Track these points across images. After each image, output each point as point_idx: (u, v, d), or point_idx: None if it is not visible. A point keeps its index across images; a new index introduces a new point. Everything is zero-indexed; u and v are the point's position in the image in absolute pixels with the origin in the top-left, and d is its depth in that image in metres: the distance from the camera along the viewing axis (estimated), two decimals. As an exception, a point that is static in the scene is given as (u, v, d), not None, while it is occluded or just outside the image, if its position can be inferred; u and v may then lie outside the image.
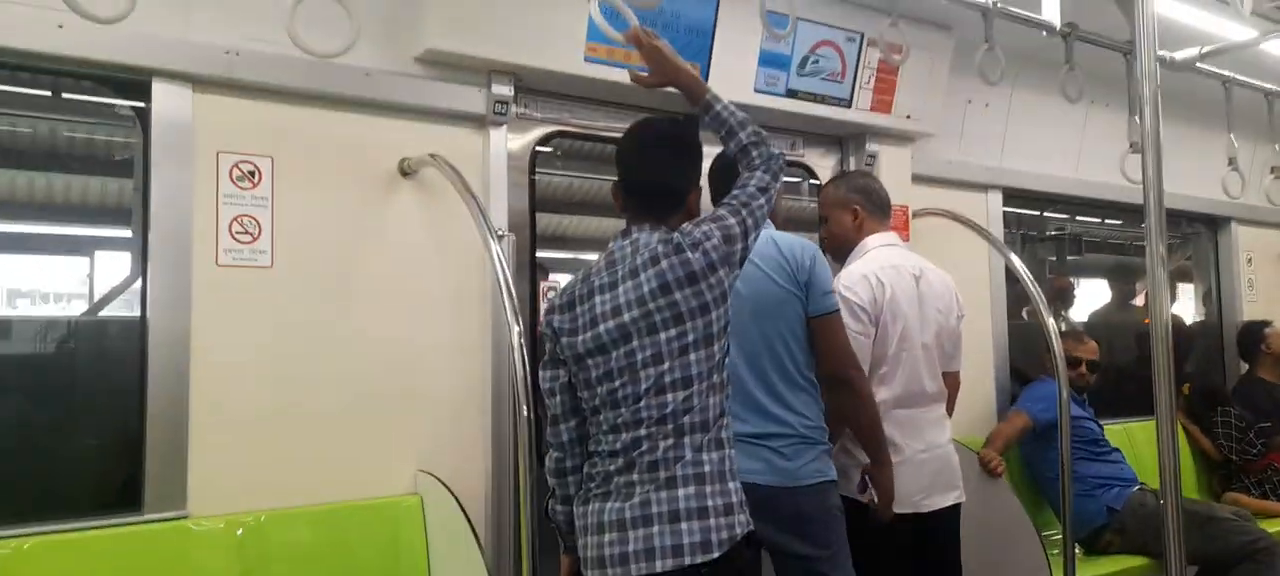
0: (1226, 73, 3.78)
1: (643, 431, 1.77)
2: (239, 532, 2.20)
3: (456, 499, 2.30)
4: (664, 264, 1.78)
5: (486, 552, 2.27)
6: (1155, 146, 2.33)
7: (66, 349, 2.43)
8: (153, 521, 2.14)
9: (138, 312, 2.25)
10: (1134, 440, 4.04)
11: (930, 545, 2.62)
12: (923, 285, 2.64)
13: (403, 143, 2.52)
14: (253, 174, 2.32)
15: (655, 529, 1.73)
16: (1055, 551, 3.17)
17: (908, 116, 3.45)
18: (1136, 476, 3.64)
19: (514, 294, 2.29)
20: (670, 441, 1.76)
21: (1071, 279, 5.72)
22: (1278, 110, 4.06)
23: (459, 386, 2.57)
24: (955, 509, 2.67)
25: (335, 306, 2.42)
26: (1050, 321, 3.27)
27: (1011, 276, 3.74)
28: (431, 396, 2.53)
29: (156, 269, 2.21)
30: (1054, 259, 6.78)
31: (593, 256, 1.97)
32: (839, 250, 2.72)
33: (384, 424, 2.46)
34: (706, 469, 1.77)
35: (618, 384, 1.80)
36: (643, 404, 1.77)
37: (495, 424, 2.60)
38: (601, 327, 1.81)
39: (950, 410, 2.84)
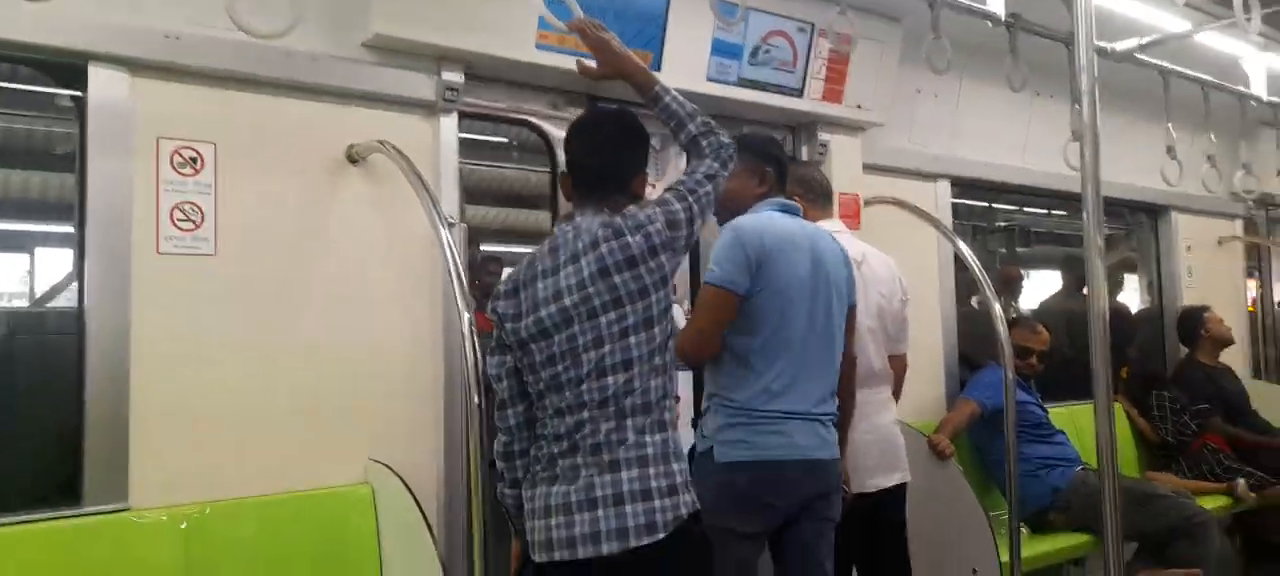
0: (1164, 64, 3.90)
1: (585, 415, 1.80)
2: (183, 525, 2.16)
3: (408, 487, 2.29)
4: (603, 247, 1.79)
5: (438, 541, 2.25)
6: (1093, 136, 2.40)
7: (4, 341, 2.36)
8: (93, 514, 2.09)
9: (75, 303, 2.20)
10: (1078, 423, 4.14)
11: (879, 524, 2.67)
12: (864, 269, 2.69)
13: (350, 129, 2.49)
14: (194, 160, 2.28)
15: (600, 512, 1.75)
16: (1002, 531, 3.25)
17: (858, 106, 3.49)
18: (1080, 457, 3.74)
19: (464, 282, 2.29)
20: (612, 424, 1.79)
21: (1020, 269, 5.86)
22: (1213, 101, 4.20)
23: (410, 375, 2.55)
24: (901, 488, 2.72)
25: (282, 294, 2.39)
26: (997, 308, 3.33)
27: (960, 264, 3.81)
28: (382, 385, 2.51)
29: (95, 257, 2.16)
30: (1004, 250, 6.94)
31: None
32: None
33: (333, 413, 2.43)
34: (649, 451, 1.80)
35: (560, 368, 1.82)
36: (584, 387, 1.79)
37: (447, 411, 2.58)
38: (543, 312, 1.83)
39: (898, 393, 2.89)
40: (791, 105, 3.33)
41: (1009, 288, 5.34)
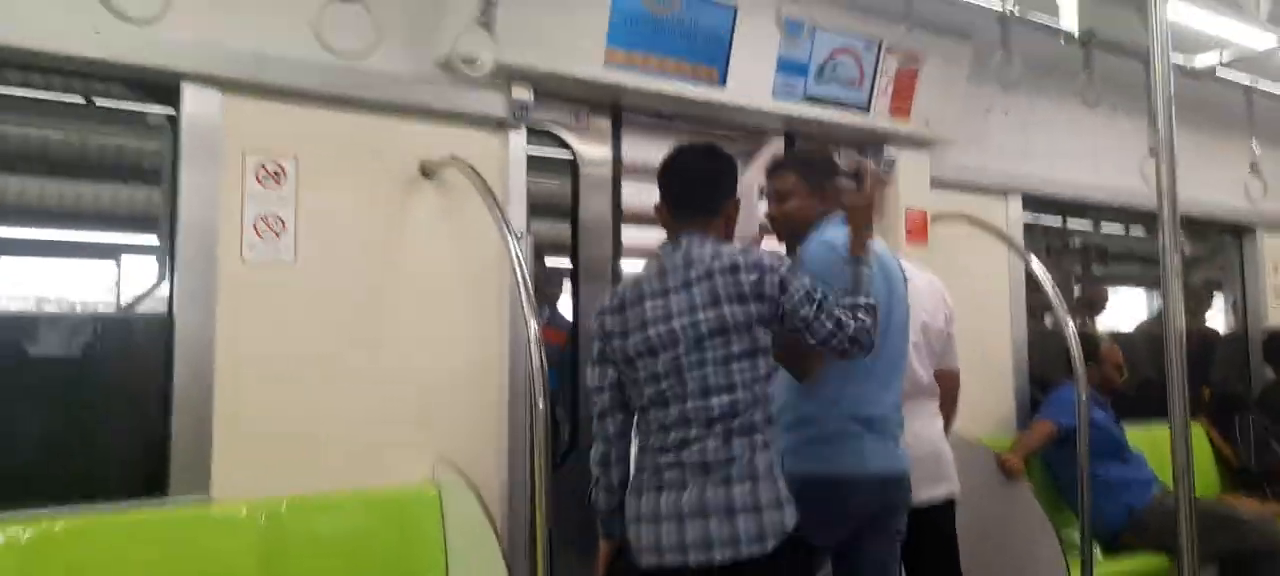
0: (1246, 79, 3.77)
1: (692, 432, 1.93)
2: (261, 518, 2.25)
3: (474, 489, 2.35)
4: (718, 280, 1.93)
5: (503, 540, 2.30)
6: (1170, 153, 2.33)
7: (97, 343, 2.51)
8: (177, 505, 2.21)
9: (164, 309, 2.33)
10: (1157, 443, 3.99)
11: (926, 538, 2.62)
12: (908, 286, 2.66)
13: (423, 145, 2.58)
14: (277, 173, 2.39)
15: (712, 522, 1.88)
16: (1074, 552, 3.16)
17: (926, 123, 3.47)
18: (1157, 478, 3.62)
19: (531, 292, 2.34)
20: (718, 441, 1.91)
21: (1105, 290, 5.66)
22: (1298, 115, 4.05)
23: (477, 380, 2.62)
24: (950, 502, 2.68)
25: (357, 301, 2.48)
26: (1071, 326, 3.26)
27: (1032, 283, 3.74)
28: (450, 390, 2.59)
29: (183, 264, 2.28)
30: (1079, 269, 6.74)
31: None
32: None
33: (404, 416, 2.52)
34: (758, 468, 1.92)
35: (665, 386, 1.95)
36: (689, 405, 1.93)
37: (511, 416, 2.64)
38: (651, 331, 1.96)
39: (953, 408, 2.85)
40: (858, 122, 3.33)
41: (1093, 309, 5.19)
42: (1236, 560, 3.42)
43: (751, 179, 3.27)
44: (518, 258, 2.30)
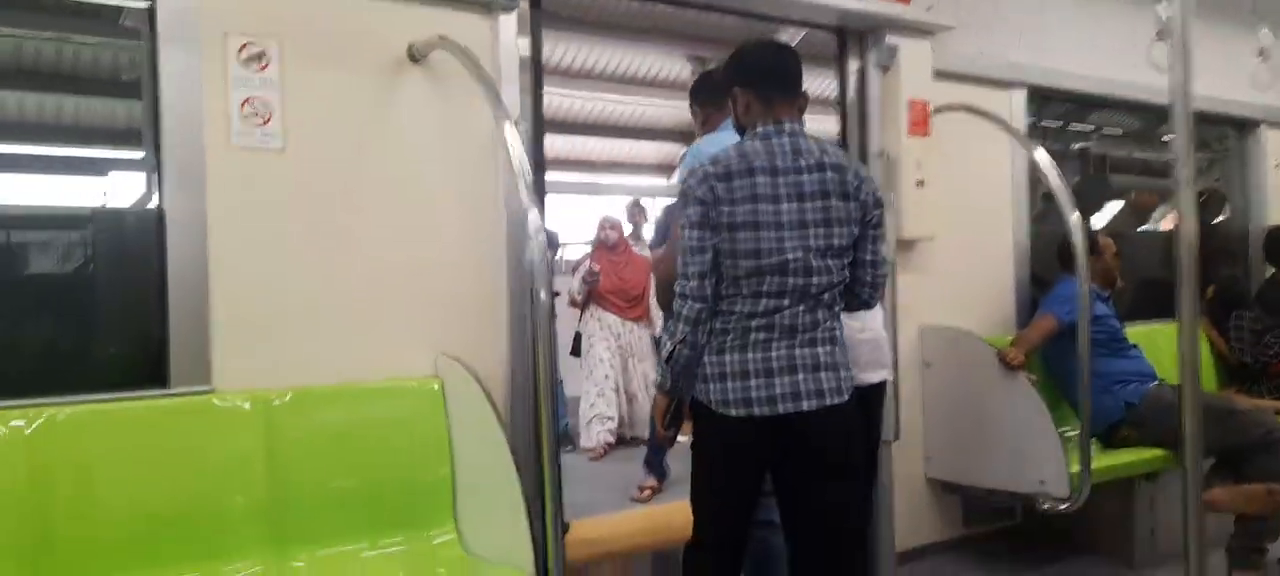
0: (1260, -41, 3.67)
1: (786, 301, 2.12)
2: (263, 410, 2.23)
3: (478, 379, 2.32)
4: (829, 174, 2.13)
5: (507, 430, 2.29)
6: (1183, 44, 2.24)
7: (90, 238, 2.45)
8: (179, 395, 2.18)
9: (155, 201, 2.26)
10: (1155, 341, 4.02)
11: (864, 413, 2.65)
12: None
13: (411, 26, 2.49)
14: (261, 56, 2.30)
15: (800, 376, 2.12)
16: (1073, 445, 3.18)
17: (928, 7, 3.36)
18: (1155, 372, 3.63)
19: (530, 177, 2.28)
20: (807, 312, 2.13)
21: (1155, 197, 5.55)
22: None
23: (477, 269, 2.58)
24: (882, 384, 2.75)
25: (350, 190, 2.42)
26: (1073, 217, 3.22)
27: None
28: (450, 280, 2.54)
29: (170, 150, 2.21)
30: (1078, 178, 6.68)
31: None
32: None
33: (403, 306, 2.48)
34: (837, 334, 2.19)
35: (765, 261, 2.09)
36: (789, 279, 2.11)
37: (513, 305, 2.60)
38: (761, 206, 2.09)
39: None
40: (858, 6, 3.23)
41: (1140, 218, 5.14)
42: (1232, 453, 3.45)
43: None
44: (514, 144, 2.23)
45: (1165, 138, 5.16)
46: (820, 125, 2.85)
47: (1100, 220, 5.33)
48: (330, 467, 2.29)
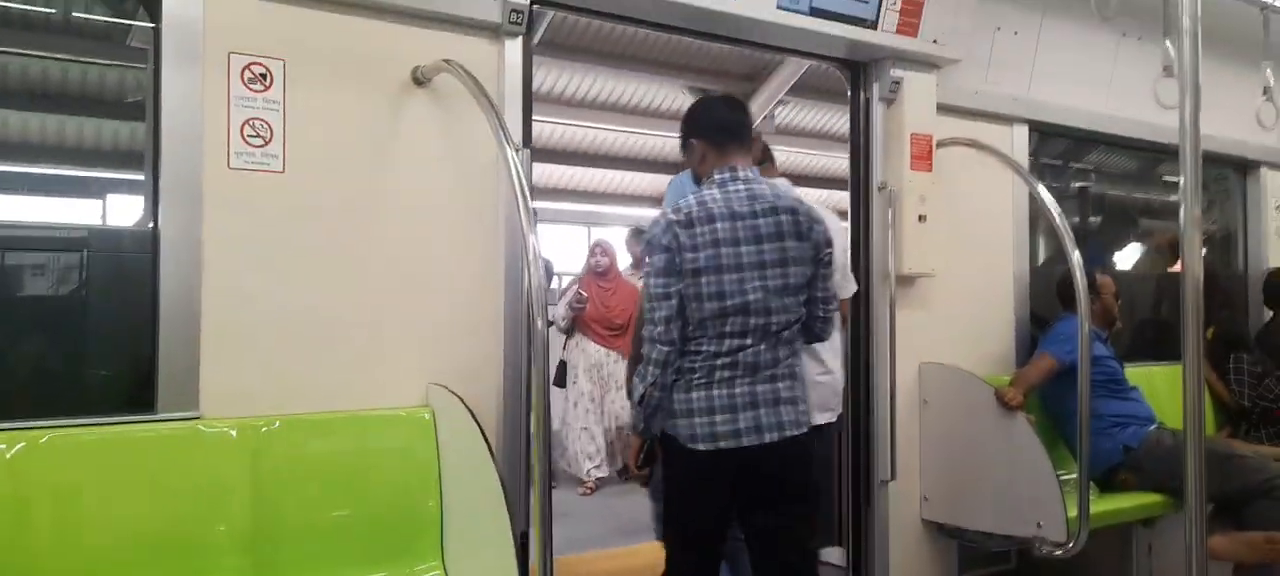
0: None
1: (748, 340, 2.28)
2: (252, 437, 2.19)
3: (469, 410, 2.28)
4: (784, 218, 2.32)
5: (498, 462, 2.25)
6: (1193, 84, 2.23)
7: (83, 257, 2.42)
8: (165, 420, 2.14)
9: (149, 221, 2.23)
10: (1154, 383, 3.99)
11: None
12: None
13: (416, 50, 2.47)
14: (264, 76, 2.28)
15: (762, 410, 2.29)
16: (1071, 488, 3.15)
17: (934, 41, 3.36)
18: (1154, 415, 3.60)
19: (529, 205, 2.25)
20: (769, 350, 2.30)
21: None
22: (1317, 43, 3.94)
23: (472, 298, 2.55)
24: (829, 425, 2.90)
25: (348, 213, 2.39)
26: (1076, 255, 3.20)
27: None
28: (445, 307, 2.51)
29: (168, 170, 2.18)
30: (1076, 219, 6.68)
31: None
32: None
33: (396, 333, 2.44)
34: (796, 370, 2.37)
35: (729, 302, 2.26)
36: (749, 319, 2.27)
37: (508, 335, 2.57)
38: (722, 251, 2.26)
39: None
40: (864, 38, 3.21)
41: (1166, 260, 5.10)
42: (1232, 499, 3.41)
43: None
44: (516, 167, 2.21)
45: (1165, 177, 5.17)
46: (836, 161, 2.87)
47: (1126, 260, 5.33)
48: (316, 498, 2.25)
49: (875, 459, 3.41)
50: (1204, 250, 4.97)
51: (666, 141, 11.23)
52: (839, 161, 3.67)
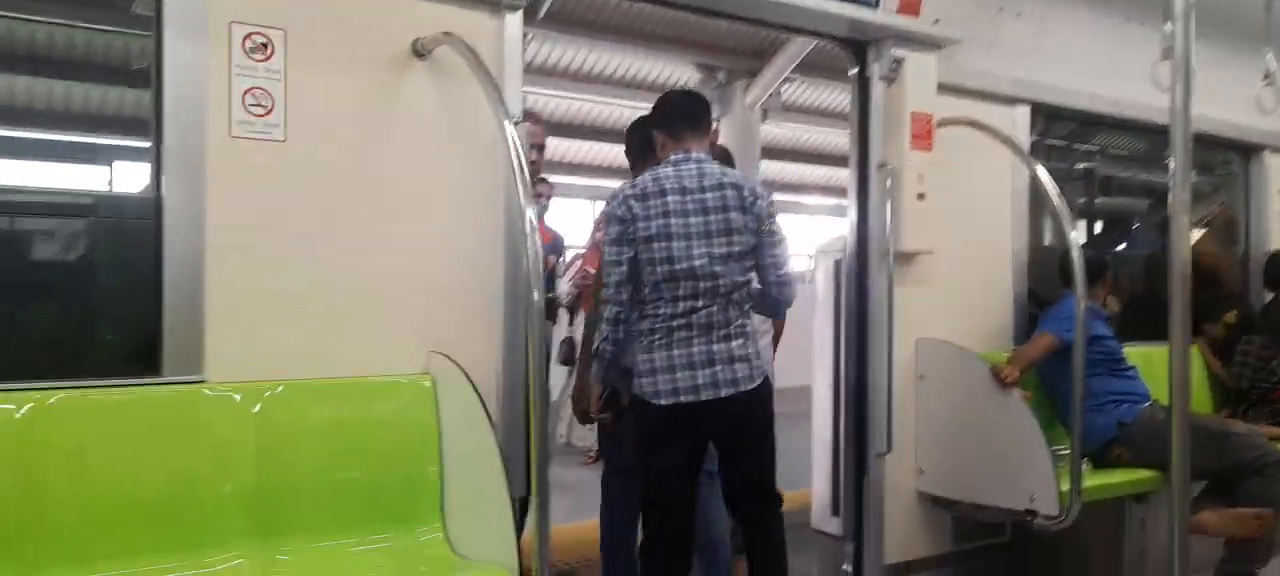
0: (1269, -16, 3.66)
1: (700, 301, 2.56)
2: (255, 403, 2.23)
3: (469, 378, 2.32)
4: (728, 191, 2.60)
5: (497, 430, 2.29)
6: (1185, 68, 2.28)
7: (87, 222, 2.46)
8: (171, 383, 2.18)
9: (153, 187, 2.26)
10: (1152, 362, 4.01)
11: None
12: None
13: (417, 22, 2.48)
14: (265, 46, 2.30)
15: (718, 367, 2.56)
16: (1064, 463, 3.18)
17: (936, 21, 3.37)
18: (1150, 393, 3.62)
19: (527, 179, 2.28)
20: (721, 311, 2.58)
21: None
22: (1321, 27, 3.92)
23: (472, 268, 2.57)
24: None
25: (349, 184, 2.42)
26: (1073, 236, 3.23)
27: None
28: (445, 277, 2.54)
29: (171, 137, 2.21)
30: (1083, 199, 6.68)
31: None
32: None
33: (397, 302, 2.48)
34: (747, 328, 2.64)
35: (678, 266, 2.54)
36: (699, 282, 2.55)
37: (507, 306, 2.61)
38: (672, 221, 2.54)
39: None
40: (866, 17, 3.22)
41: (1232, 233, 5.07)
42: (1224, 476, 3.45)
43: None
44: (514, 141, 2.24)
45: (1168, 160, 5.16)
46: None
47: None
48: (319, 461, 2.29)
49: (872, 431, 3.45)
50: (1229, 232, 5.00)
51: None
52: (845, 138, 3.68)
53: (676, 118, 2.70)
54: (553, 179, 6.25)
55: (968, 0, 3.41)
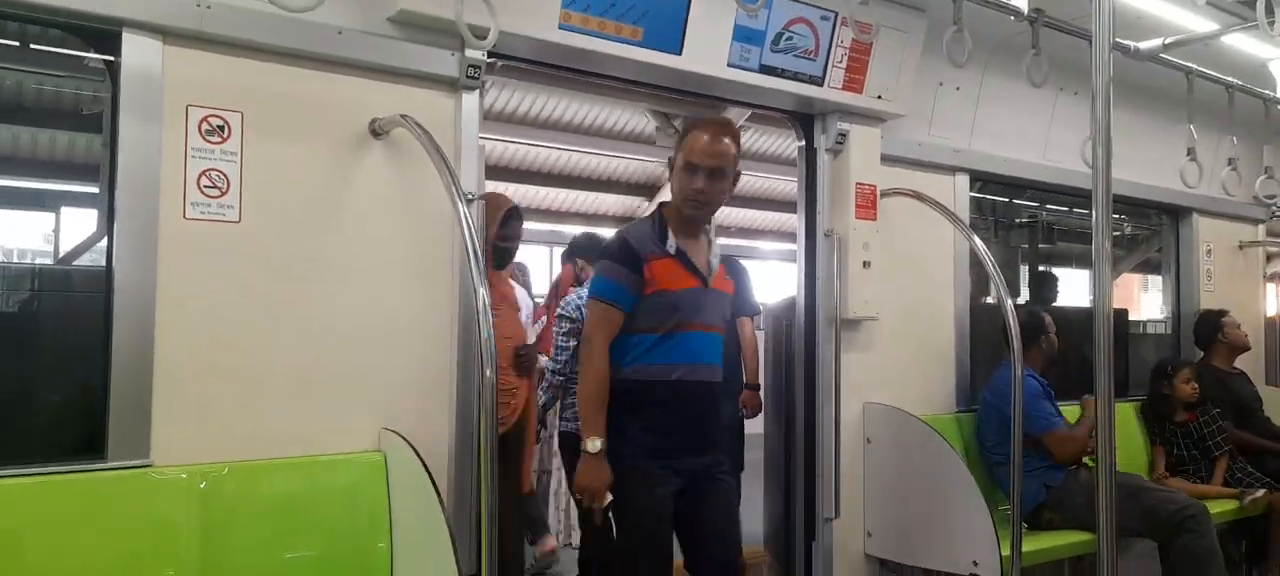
0: (1190, 64, 3.87)
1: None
2: (202, 483, 2.22)
3: (420, 457, 2.33)
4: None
5: (448, 511, 2.30)
6: (1106, 135, 2.42)
7: (34, 297, 2.44)
8: (116, 468, 2.16)
9: (103, 262, 2.26)
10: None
11: None
12: None
13: (374, 103, 2.53)
14: (222, 128, 2.33)
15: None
16: (1005, 527, 3.27)
17: (878, 97, 3.50)
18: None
19: (480, 258, 2.33)
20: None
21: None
22: (1237, 104, 4.16)
23: (425, 347, 2.60)
24: None
25: (304, 263, 2.44)
26: (1009, 303, 3.35)
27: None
28: (398, 355, 2.56)
29: (123, 220, 2.21)
30: (1026, 245, 6.92)
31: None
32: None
33: (350, 381, 2.49)
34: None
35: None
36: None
37: (460, 384, 2.63)
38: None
39: None
40: (812, 93, 3.34)
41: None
42: (1153, 534, 3.55)
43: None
44: (468, 221, 2.28)
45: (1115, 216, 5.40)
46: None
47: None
48: (267, 541, 2.28)
49: (821, 496, 3.53)
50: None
51: (631, 163, 11.35)
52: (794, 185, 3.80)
53: None
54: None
55: (909, 76, 3.54)
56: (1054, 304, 5.47)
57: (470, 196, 2.57)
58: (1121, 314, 5.34)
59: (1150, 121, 4.46)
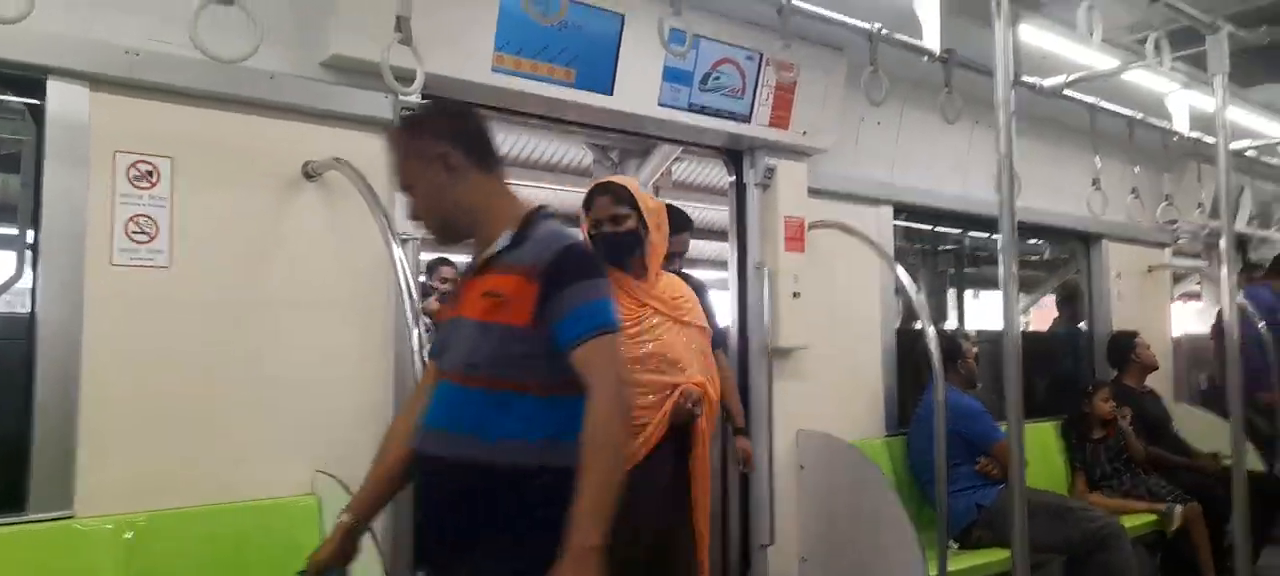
0: (1093, 100, 4.10)
1: None
2: (128, 534, 2.18)
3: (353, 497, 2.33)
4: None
5: (384, 555, 2.30)
6: (1009, 166, 2.59)
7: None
8: (36, 521, 2.11)
9: (26, 308, 2.22)
10: (1041, 441, 4.29)
11: None
12: None
13: (307, 146, 2.54)
14: (151, 174, 2.31)
15: None
16: (934, 548, 3.38)
17: (804, 133, 3.62)
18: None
19: (416, 298, 2.35)
20: None
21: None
22: (1138, 136, 4.41)
23: (359, 388, 2.60)
24: None
25: (235, 307, 2.43)
26: (931, 330, 3.48)
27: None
28: (332, 398, 2.55)
29: (48, 266, 2.19)
30: (952, 270, 7.17)
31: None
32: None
33: (282, 425, 2.47)
34: None
35: None
36: None
37: (395, 426, 2.63)
38: None
39: None
40: (740, 130, 3.45)
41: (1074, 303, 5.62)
42: (1073, 551, 3.70)
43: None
44: (401, 262, 2.31)
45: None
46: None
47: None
48: (197, 590, 2.25)
49: (755, 524, 3.60)
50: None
51: (570, 196, 11.40)
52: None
53: None
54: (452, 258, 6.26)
55: (832, 112, 3.68)
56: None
57: (405, 237, 2.59)
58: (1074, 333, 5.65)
59: (1061, 152, 4.70)
